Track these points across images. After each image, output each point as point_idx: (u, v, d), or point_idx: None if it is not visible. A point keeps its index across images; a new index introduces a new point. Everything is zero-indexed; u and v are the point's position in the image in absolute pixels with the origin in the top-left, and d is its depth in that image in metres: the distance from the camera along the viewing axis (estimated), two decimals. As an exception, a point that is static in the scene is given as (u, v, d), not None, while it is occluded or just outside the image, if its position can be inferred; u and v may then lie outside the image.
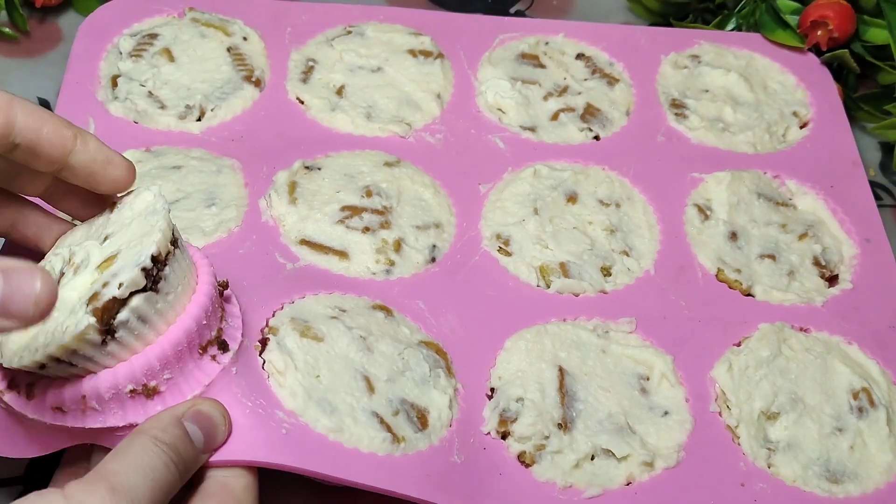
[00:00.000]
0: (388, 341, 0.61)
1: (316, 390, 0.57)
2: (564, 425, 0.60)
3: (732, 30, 0.89)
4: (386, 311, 0.63)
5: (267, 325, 0.59)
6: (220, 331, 0.55)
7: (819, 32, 0.84)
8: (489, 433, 0.60)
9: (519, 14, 0.95)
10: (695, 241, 0.71)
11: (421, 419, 0.59)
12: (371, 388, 0.58)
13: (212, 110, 0.74)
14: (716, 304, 0.68)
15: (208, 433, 0.51)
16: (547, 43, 0.85)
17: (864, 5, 0.85)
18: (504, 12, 0.95)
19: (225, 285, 0.56)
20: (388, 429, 0.57)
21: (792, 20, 0.85)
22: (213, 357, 0.54)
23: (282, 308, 0.61)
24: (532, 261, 0.68)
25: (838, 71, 0.87)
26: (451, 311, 0.65)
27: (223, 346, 0.55)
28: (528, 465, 0.59)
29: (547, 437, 0.59)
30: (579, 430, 0.60)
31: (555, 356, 0.63)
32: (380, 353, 0.60)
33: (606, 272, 0.69)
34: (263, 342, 0.58)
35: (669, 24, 0.91)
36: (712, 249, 0.71)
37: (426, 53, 0.81)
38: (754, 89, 0.83)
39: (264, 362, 0.57)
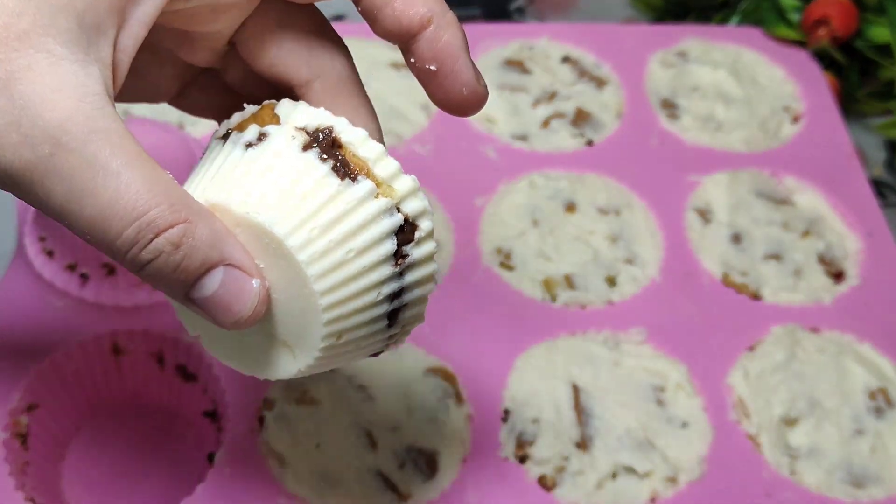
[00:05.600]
0: (390, 382, 0.59)
1: (317, 464, 0.56)
2: (583, 444, 0.58)
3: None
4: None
5: (263, 399, 0.58)
6: None
7: (821, 31, 0.83)
8: (507, 458, 0.58)
9: (519, 11, 0.93)
10: (698, 246, 0.70)
11: (430, 464, 0.57)
12: (374, 444, 0.57)
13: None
14: (725, 309, 0.67)
15: None
16: (531, 48, 0.83)
17: (867, 3, 0.84)
18: (504, 8, 0.93)
19: None
20: (394, 487, 0.56)
21: (795, 18, 0.84)
22: None
23: None
24: (536, 274, 0.66)
25: (840, 68, 0.86)
26: (457, 333, 0.63)
27: None
28: (549, 489, 0.57)
29: (566, 458, 0.58)
30: (598, 449, 0.58)
31: (567, 373, 0.61)
32: (382, 399, 0.59)
33: (612, 282, 0.67)
34: (261, 420, 0.57)
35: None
36: (716, 253, 0.70)
37: (410, 66, 0.79)
38: (743, 85, 0.81)
39: (262, 445, 0.57)
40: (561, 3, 0.94)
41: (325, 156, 0.37)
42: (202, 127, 0.71)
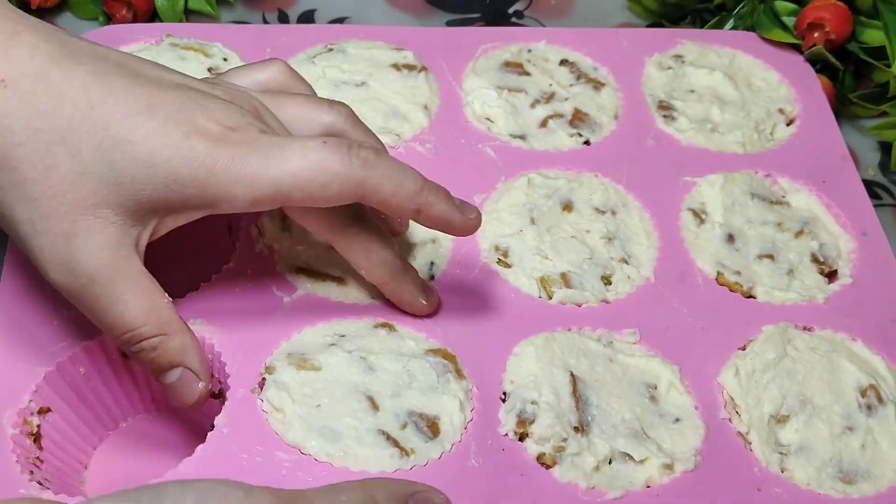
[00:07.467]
0: (391, 357, 0.60)
1: (317, 419, 0.56)
2: (581, 429, 0.59)
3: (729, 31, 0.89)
4: (389, 327, 0.62)
5: (264, 366, 0.59)
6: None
7: (816, 34, 0.84)
8: (507, 434, 0.59)
9: (517, 14, 0.94)
10: (692, 246, 0.71)
11: (431, 427, 0.58)
12: (375, 407, 0.58)
13: None
14: (718, 309, 0.67)
15: None
16: (529, 50, 0.84)
17: (861, 6, 0.85)
18: (502, 12, 0.94)
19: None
20: (396, 443, 0.56)
21: (790, 22, 0.85)
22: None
23: (278, 346, 0.61)
24: (532, 272, 0.67)
25: (834, 71, 0.87)
26: (455, 323, 0.64)
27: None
28: (548, 467, 0.58)
29: (565, 440, 0.58)
30: (596, 434, 0.59)
31: (565, 362, 0.62)
32: (383, 370, 0.59)
33: (607, 281, 0.68)
34: (261, 383, 0.58)
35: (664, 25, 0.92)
36: (710, 253, 0.70)
37: (410, 67, 0.80)
38: (739, 87, 0.82)
39: (263, 402, 0.58)
40: (557, 7, 0.95)
41: None
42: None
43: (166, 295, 0.56)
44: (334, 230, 0.58)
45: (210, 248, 0.67)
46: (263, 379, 0.58)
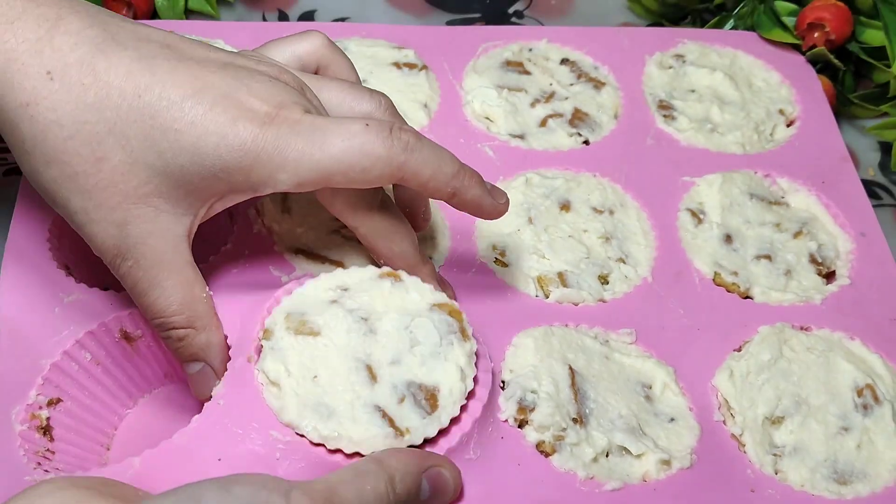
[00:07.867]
0: (393, 316, 0.58)
1: (312, 395, 0.55)
2: (580, 420, 0.59)
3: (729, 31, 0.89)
4: (394, 277, 0.60)
5: (262, 326, 0.58)
6: None
7: (816, 34, 0.84)
8: (506, 421, 0.59)
9: (517, 14, 0.94)
10: (690, 247, 0.71)
11: (430, 400, 0.56)
12: (373, 377, 0.56)
13: None
14: (714, 309, 0.68)
15: (436, 497, 0.53)
16: (530, 49, 0.84)
17: (861, 6, 0.85)
18: (503, 12, 0.94)
19: None
20: (391, 423, 0.55)
21: (790, 22, 0.85)
22: None
23: (280, 304, 0.59)
24: (530, 271, 0.67)
25: (835, 71, 0.87)
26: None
27: None
28: (547, 455, 0.58)
29: (564, 430, 0.58)
30: (593, 427, 0.59)
31: (563, 356, 0.62)
32: (384, 332, 0.57)
33: (604, 280, 0.68)
34: (258, 349, 0.57)
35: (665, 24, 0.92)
36: (708, 254, 0.70)
37: (410, 66, 0.80)
38: (740, 88, 0.82)
39: (259, 374, 0.57)
40: (557, 7, 0.95)
41: None
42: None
43: (207, 289, 0.57)
44: (360, 215, 0.58)
45: (210, 232, 0.66)
46: (261, 346, 0.57)
